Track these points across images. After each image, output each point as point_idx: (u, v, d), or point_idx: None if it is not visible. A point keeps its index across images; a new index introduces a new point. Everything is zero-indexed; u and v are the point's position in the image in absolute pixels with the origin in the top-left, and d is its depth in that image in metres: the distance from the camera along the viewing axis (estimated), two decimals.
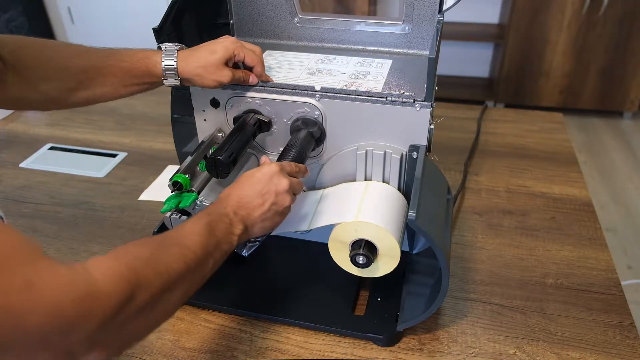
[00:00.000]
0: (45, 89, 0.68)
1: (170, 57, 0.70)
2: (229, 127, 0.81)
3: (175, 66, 0.70)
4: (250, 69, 0.75)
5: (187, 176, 0.71)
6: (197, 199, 0.71)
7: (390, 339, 0.74)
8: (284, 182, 0.64)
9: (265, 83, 0.76)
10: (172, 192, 0.72)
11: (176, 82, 0.71)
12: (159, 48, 0.72)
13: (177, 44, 0.72)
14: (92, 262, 0.43)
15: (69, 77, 0.68)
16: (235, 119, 0.79)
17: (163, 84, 0.72)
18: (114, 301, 0.41)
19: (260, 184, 0.63)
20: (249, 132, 0.74)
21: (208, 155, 0.76)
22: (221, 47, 0.71)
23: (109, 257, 0.45)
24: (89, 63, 0.69)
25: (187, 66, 0.70)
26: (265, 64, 0.77)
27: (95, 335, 0.41)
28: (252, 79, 0.75)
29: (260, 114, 0.77)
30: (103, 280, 0.41)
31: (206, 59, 0.70)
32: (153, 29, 0.75)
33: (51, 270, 0.39)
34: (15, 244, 0.39)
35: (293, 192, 0.66)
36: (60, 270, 0.40)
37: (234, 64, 0.74)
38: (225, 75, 0.71)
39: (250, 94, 0.77)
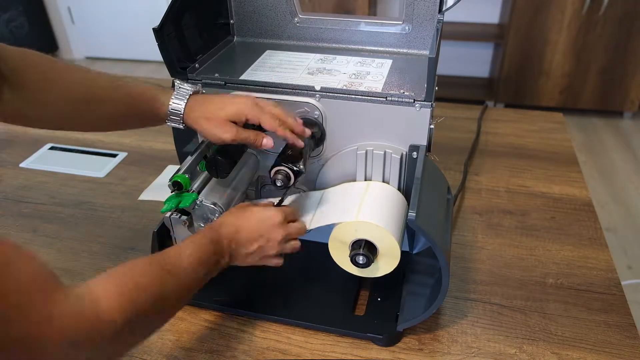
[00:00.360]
0: (42, 113, 0.66)
1: (180, 98, 0.68)
2: None
3: (182, 111, 0.68)
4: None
5: (187, 176, 0.71)
6: (197, 199, 0.71)
7: (390, 339, 0.74)
8: (280, 233, 0.68)
9: (265, 83, 0.76)
10: (172, 192, 0.72)
11: (179, 127, 0.70)
12: (173, 84, 0.69)
13: (193, 85, 0.70)
14: (99, 291, 0.47)
15: (69, 106, 0.67)
16: None
17: (166, 124, 0.71)
18: (117, 329, 0.47)
19: (262, 226, 0.67)
20: None
21: (208, 155, 0.76)
22: (234, 107, 0.67)
23: (115, 287, 0.49)
24: (92, 94, 0.67)
25: (192, 113, 0.68)
26: (266, 64, 0.77)
27: (95, 354, 0.46)
28: (266, 142, 0.68)
29: None
30: (110, 312, 0.47)
31: (212, 112, 0.67)
32: (153, 29, 0.75)
33: (65, 302, 0.43)
34: (36, 274, 0.42)
35: (284, 240, 0.69)
36: (72, 301, 0.44)
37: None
38: (227, 131, 0.66)
39: (250, 94, 0.77)
